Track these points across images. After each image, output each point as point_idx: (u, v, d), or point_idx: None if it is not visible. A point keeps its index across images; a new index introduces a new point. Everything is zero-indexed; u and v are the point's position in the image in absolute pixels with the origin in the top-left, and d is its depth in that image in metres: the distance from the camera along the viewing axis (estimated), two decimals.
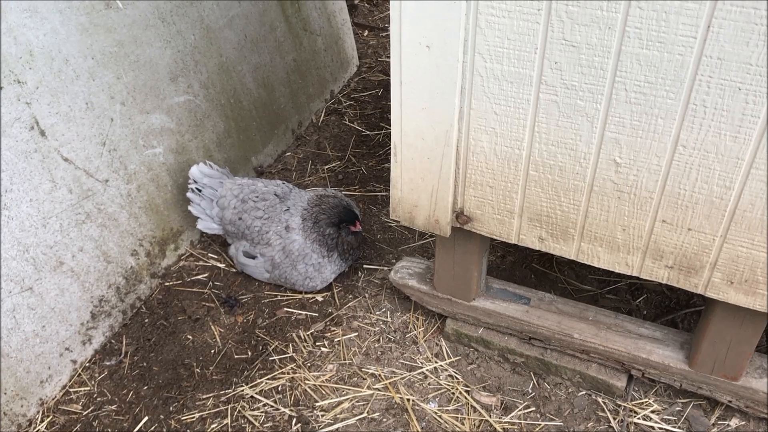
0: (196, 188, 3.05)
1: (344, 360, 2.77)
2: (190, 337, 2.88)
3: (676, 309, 2.95)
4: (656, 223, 2.06)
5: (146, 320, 2.97)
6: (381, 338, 2.87)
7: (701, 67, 1.70)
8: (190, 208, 3.09)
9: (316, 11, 4.25)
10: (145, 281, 3.06)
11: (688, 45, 1.68)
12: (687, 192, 1.94)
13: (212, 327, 2.92)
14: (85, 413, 2.60)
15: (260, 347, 2.83)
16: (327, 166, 3.85)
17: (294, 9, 4.02)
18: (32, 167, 2.54)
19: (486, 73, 1.99)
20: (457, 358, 2.81)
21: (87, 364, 2.77)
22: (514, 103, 2.01)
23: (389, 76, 2.13)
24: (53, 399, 2.64)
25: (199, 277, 3.16)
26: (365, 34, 5.33)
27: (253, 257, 3.04)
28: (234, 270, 3.19)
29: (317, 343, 2.84)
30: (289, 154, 3.96)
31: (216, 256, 3.27)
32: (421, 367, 2.75)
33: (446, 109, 2.09)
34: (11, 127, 2.45)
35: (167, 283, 3.11)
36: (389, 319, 2.94)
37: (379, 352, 2.81)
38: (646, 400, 2.62)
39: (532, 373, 2.76)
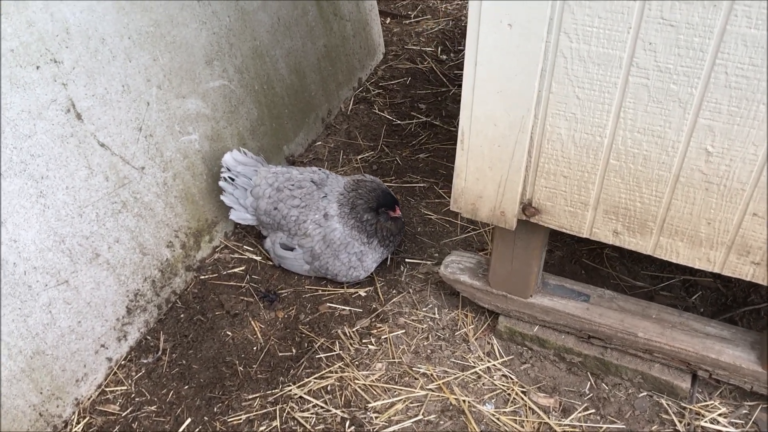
0: (229, 177, 2.91)
1: (393, 358, 2.64)
2: (230, 333, 2.75)
3: (733, 307, 2.84)
4: (746, 216, 1.94)
5: (182, 315, 2.83)
6: (430, 336, 2.74)
7: None
8: (222, 197, 2.95)
9: None
10: (180, 274, 2.92)
11: None
12: None
13: (252, 323, 2.78)
14: (123, 414, 2.47)
15: (305, 344, 2.70)
16: (360, 156, 3.70)
17: None
18: (68, 153, 2.39)
19: (571, 54, 1.86)
20: (510, 357, 2.68)
21: (123, 362, 2.63)
22: (600, 87, 1.88)
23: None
24: (89, 399, 2.50)
25: (236, 270, 3.02)
26: (387, 21, 5.19)
27: (291, 249, 2.90)
28: (271, 263, 3.05)
29: (364, 341, 2.71)
30: (320, 143, 3.82)
31: (251, 249, 3.13)
32: (474, 367, 2.62)
33: (524, 92, 1.96)
34: (47, 110, 2.31)
35: (203, 277, 2.97)
36: (437, 315, 2.81)
37: (428, 351, 2.68)
38: (712, 402, 2.50)
39: (589, 373, 2.64)
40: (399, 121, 3.99)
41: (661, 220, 2.07)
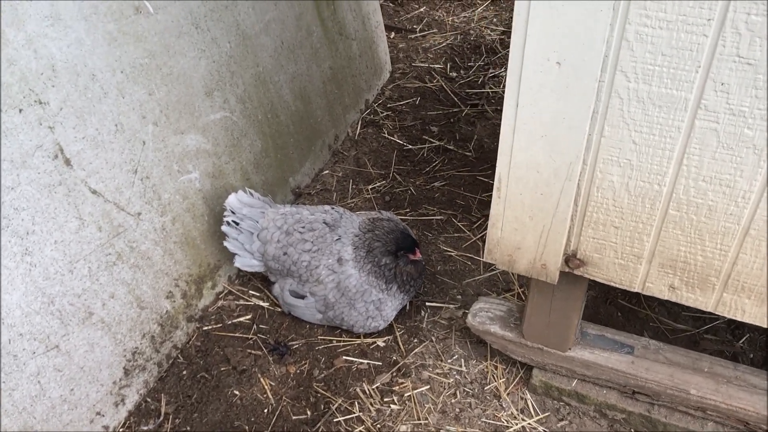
0: (233, 221, 2.66)
1: (419, 420, 2.40)
2: (237, 392, 2.50)
3: None
4: None
5: (184, 372, 2.58)
6: (457, 392, 2.50)
7: None
8: (226, 243, 2.70)
9: (351, 13, 3.87)
10: (181, 326, 2.67)
11: None
12: None
13: (262, 380, 2.54)
14: None
15: (321, 405, 2.45)
16: (371, 186, 3.46)
17: (330, 11, 3.63)
18: (57, 203, 2.15)
19: (628, 94, 1.63)
20: (546, 414, 2.45)
21: (121, 430, 2.38)
22: (660, 131, 1.65)
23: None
24: None
25: (241, 319, 2.77)
26: (392, 36, 4.96)
27: (302, 297, 2.66)
28: (280, 310, 2.81)
29: (385, 399, 2.47)
30: (327, 172, 3.58)
31: (258, 294, 2.89)
32: (508, 427, 2.39)
33: (573, 137, 1.73)
34: (32, 157, 2.06)
35: (206, 328, 2.73)
36: (464, 368, 2.57)
37: (457, 409, 2.44)
38: None
39: (632, 430, 2.40)
40: (410, 146, 3.75)
41: (725, 275, 1.84)
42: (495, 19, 5.04)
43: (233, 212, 2.65)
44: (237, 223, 2.65)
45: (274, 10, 3.16)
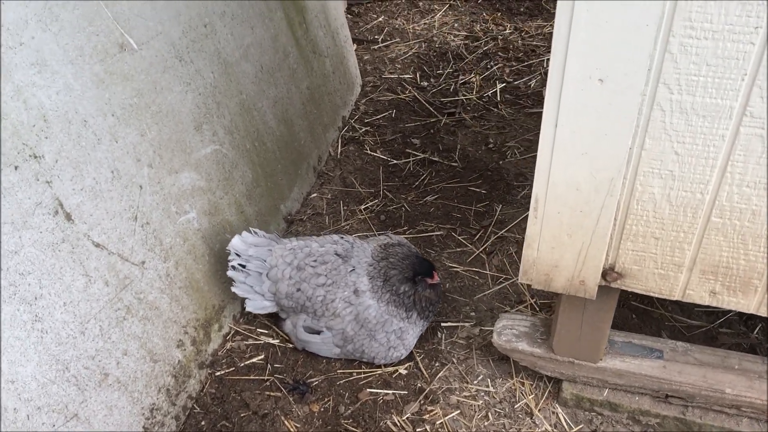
0: (240, 264, 2.54)
1: None
2: None
3: None
4: None
5: (203, 423, 2.45)
6: (489, 413, 2.44)
7: None
8: (234, 289, 2.58)
9: (322, 30, 3.78)
10: (194, 375, 2.54)
11: None
12: None
13: (286, 422, 2.44)
14: None
15: None
16: (363, 206, 3.39)
17: (303, 30, 3.54)
18: (62, 262, 2.01)
19: (671, 106, 1.60)
20: (579, 426, 2.42)
21: None
22: (704, 141, 1.64)
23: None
24: None
25: (254, 360, 2.66)
26: (355, 48, 4.88)
27: (318, 332, 2.56)
28: (292, 346, 2.70)
29: (418, 430, 2.40)
30: (315, 195, 3.49)
31: (266, 331, 2.78)
32: None
33: (614, 153, 1.70)
34: (33, 216, 1.92)
35: (218, 373, 2.60)
36: (491, 387, 2.53)
37: None
38: None
39: None
40: (395, 161, 3.69)
41: None
42: (456, 24, 5.02)
43: (238, 254, 2.53)
44: (243, 266, 2.53)
45: (251, 34, 3.05)
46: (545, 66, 4.41)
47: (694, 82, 1.55)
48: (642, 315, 2.75)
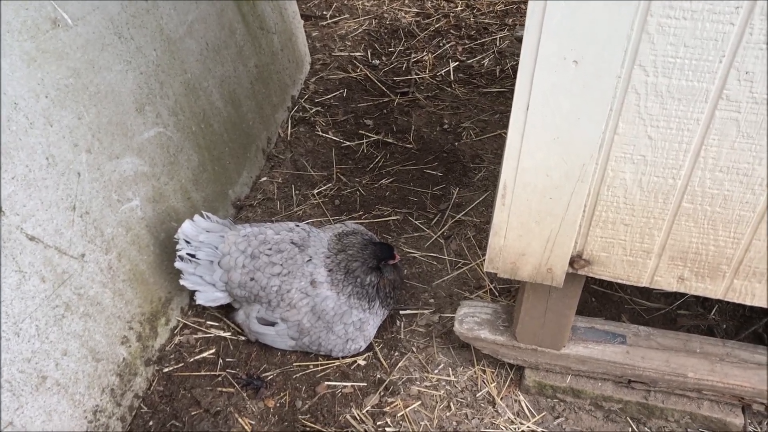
0: (188, 254, 2.40)
1: None
2: None
3: (752, 318, 2.66)
4: None
5: (151, 423, 2.32)
6: (450, 403, 2.38)
7: None
8: (183, 282, 2.44)
9: (269, 5, 3.61)
10: (140, 373, 2.40)
11: None
12: None
13: (240, 420, 2.32)
14: None
15: None
16: (316, 191, 3.26)
17: (249, 5, 3.37)
18: None
19: (646, 89, 1.54)
20: (542, 413, 2.38)
21: None
22: (678, 125, 1.58)
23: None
24: None
25: (204, 354, 2.53)
26: (303, 24, 4.71)
27: (272, 323, 2.45)
28: (244, 338, 2.58)
29: (378, 423, 2.32)
30: (265, 179, 3.34)
31: (216, 323, 2.64)
32: None
33: (587, 137, 1.63)
34: None
35: (166, 369, 2.46)
36: (452, 377, 2.46)
37: (454, 423, 2.33)
38: None
39: (628, 418, 2.38)
40: (348, 143, 3.57)
41: (737, 262, 1.81)
42: (407, 1, 4.89)
43: (188, 242, 2.39)
44: (192, 255, 2.39)
45: (195, 9, 2.87)
46: (498, 45, 4.34)
47: (670, 64, 1.49)
48: (601, 298, 2.73)
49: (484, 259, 1.99)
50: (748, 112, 1.52)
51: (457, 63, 4.18)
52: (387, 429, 2.30)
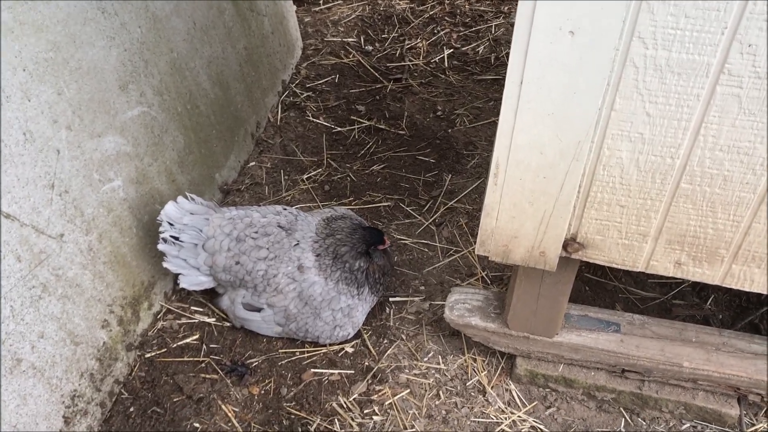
0: (172, 237, 2.33)
1: (405, 429, 2.21)
2: (198, 425, 2.21)
3: (749, 308, 2.61)
4: None
5: (132, 409, 2.26)
6: (440, 392, 2.32)
7: None
8: (166, 264, 2.38)
9: None
10: (121, 357, 2.33)
11: None
12: None
13: (223, 407, 2.26)
14: None
15: (297, 428, 2.20)
16: (305, 176, 3.19)
17: None
18: None
19: (644, 63, 1.48)
20: (534, 403, 2.33)
21: None
22: (677, 101, 1.52)
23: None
24: None
25: (188, 340, 2.46)
26: (295, 9, 4.63)
27: (258, 309, 2.38)
28: (229, 324, 2.52)
29: (365, 411, 2.26)
30: (254, 164, 3.27)
31: (201, 309, 2.58)
32: (499, 423, 2.24)
33: (583, 113, 1.57)
34: None
35: (148, 354, 2.40)
36: (442, 365, 2.40)
37: (443, 411, 2.27)
38: (761, 426, 2.26)
39: (622, 409, 2.33)
40: (339, 128, 3.50)
41: (736, 246, 1.75)
42: None
43: (171, 224, 2.32)
44: (176, 238, 2.32)
45: None
46: (493, 32, 4.27)
47: (671, 36, 1.43)
48: (595, 287, 2.67)
49: (476, 246, 1.93)
50: (750, 88, 1.46)
51: (451, 50, 4.11)
52: (374, 417, 2.24)
